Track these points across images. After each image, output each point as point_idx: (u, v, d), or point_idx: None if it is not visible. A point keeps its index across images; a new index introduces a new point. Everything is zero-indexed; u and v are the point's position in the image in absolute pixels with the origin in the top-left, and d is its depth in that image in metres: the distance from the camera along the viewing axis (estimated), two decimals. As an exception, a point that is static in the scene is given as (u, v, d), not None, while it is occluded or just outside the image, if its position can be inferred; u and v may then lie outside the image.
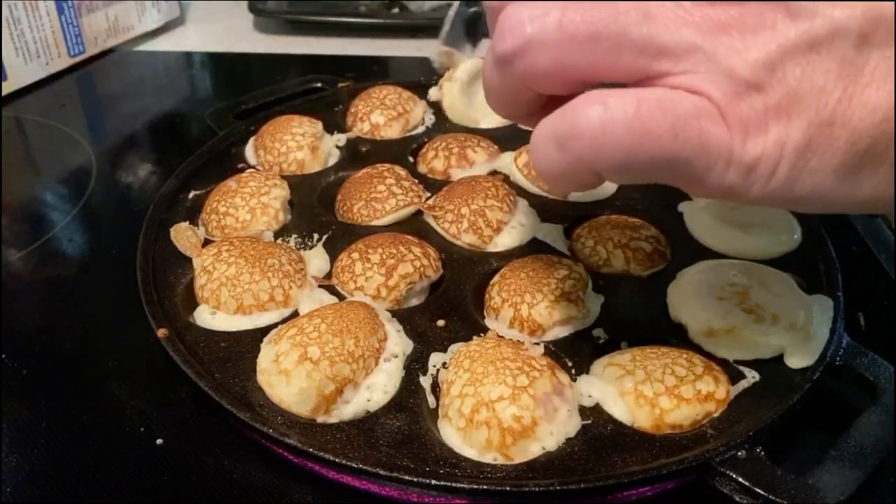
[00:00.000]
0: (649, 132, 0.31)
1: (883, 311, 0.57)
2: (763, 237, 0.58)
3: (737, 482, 0.41)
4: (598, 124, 0.31)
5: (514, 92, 0.36)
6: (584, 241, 0.59)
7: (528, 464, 0.42)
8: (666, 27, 0.31)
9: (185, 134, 0.88)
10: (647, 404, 0.45)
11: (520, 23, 0.32)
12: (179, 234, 0.60)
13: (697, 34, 0.31)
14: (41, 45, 0.95)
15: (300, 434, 0.44)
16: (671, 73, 0.31)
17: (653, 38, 0.31)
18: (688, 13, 0.31)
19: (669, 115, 0.31)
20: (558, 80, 0.34)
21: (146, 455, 0.46)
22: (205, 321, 0.53)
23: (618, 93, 0.31)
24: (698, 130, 0.31)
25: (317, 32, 1.13)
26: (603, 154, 0.32)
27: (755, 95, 0.31)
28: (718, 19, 0.31)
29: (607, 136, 0.31)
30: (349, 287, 0.55)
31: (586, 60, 0.32)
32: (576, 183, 0.35)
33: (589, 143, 0.32)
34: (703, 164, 0.31)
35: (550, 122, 0.33)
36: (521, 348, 0.47)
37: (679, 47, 0.31)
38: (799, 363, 0.48)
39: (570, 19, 0.31)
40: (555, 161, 0.33)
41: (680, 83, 0.31)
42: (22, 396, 0.51)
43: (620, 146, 0.31)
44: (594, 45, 0.31)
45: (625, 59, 0.32)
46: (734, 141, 0.31)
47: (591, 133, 0.31)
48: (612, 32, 0.31)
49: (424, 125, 0.79)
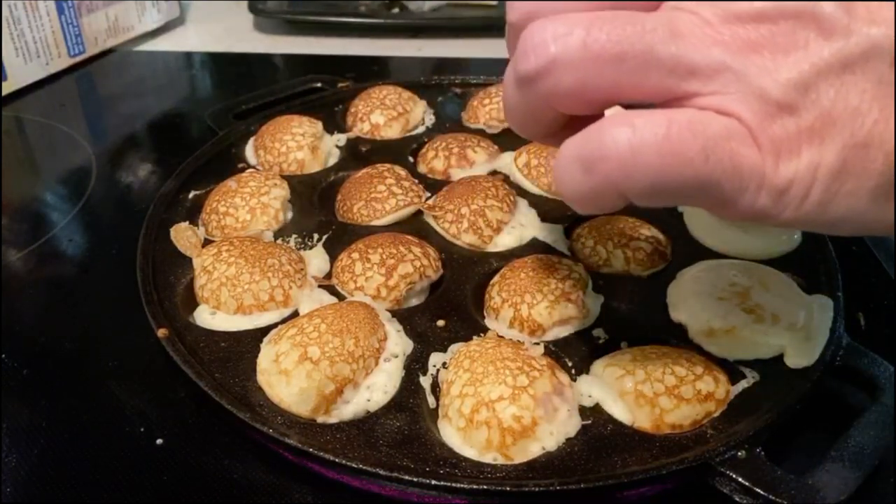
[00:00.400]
0: (680, 154, 0.30)
1: (883, 311, 0.57)
2: (763, 237, 0.58)
3: (737, 482, 0.41)
4: (626, 146, 0.30)
5: (535, 111, 0.35)
6: (584, 241, 0.59)
7: (528, 464, 0.42)
8: (695, 46, 0.30)
9: (185, 134, 0.88)
10: (647, 404, 0.45)
11: (543, 42, 0.31)
12: (179, 234, 0.60)
13: (727, 53, 0.30)
14: (41, 45, 0.95)
15: (300, 434, 0.44)
16: (700, 94, 0.31)
17: (681, 57, 0.30)
18: (717, 31, 0.30)
19: (700, 136, 0.30)
20: (582, 100, 0.33)
21: (146, 455, 0.46)
22: (205, 321, 0.53)
23: (646, 114, 0.30)
24: (729, 153, 0.30)
25: (317, 32, 1.13)
26: (632, 177, 0.31)
27: (787, 117, 0.30)
28: (749, 38, 0.30)
29: (636, 159, 0.30)
30: (349, 287, 0.55)
31: (612, 81, 0.31)
32: (601, 205, 0.34)
33: (617, 166, 0.31)
34: (734, 188, 0.31)
35: (575, 143, 0.32)
36: (521, 348, 0.47)
37: (708, 67, 0.30)
38: (799, 363, 0.48)
39: (595, 38, 0.31)
40: (580, 183, 0.32)
41: (709, 104, 0.30)
42: (22, 396, 0.51)
43: (650, 169, 0.30)
44: (620, 65, 0.31)
45: (652, 79, 0.31)
46: (766, 163, 0.30)
47: (620, 155, 0.30)
48: (639, 52, 0.30)
49: (424, 125, 0.79)
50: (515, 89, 0.35)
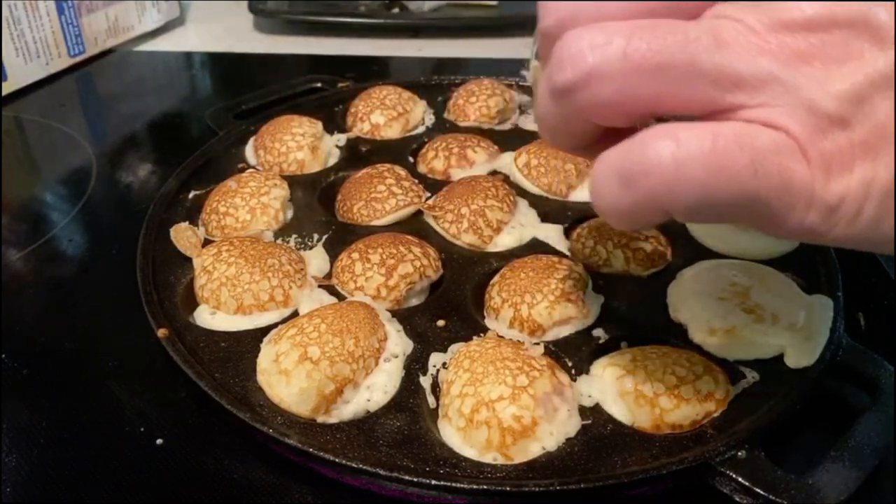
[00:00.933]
0: (727, 169, 0.28)
1: (883, 311, 0.57)
2: (763, 237, 0.58)
3: (737, 482, 0.41)
4: (670, 160, 0.29)
5: (570, 123, 0.34)
6: (584, 241, 0.59)
7: (528, 464, 0.42)
8: (740, 56, 0.29)
9: (185, 134, 0.88)
10: (647, 404, 0.45)
11: (580, 52, 0.30)
12: (179, 234, 0.60)
13: (775, 63, 0.29)
14: (41, 45, 0.95)
15: (300, 434, 0.44)
16: (746, 106, 0.29)
17: (726, 67, 0.29)
18: (764, 40, 0.29)
19: (748, 150, 0.28)
20: (621, 112, 0.31)
21: (146, 455, 0.46)
22: (205, 321, 0.53)
23: (690, 126, 0.29)
24: (778, 167, 0.29)
25: (317, 32, 1.13)
26: (676, 193, 0.29)
27: (839, 131, 0.29)
28: (798, 48, 0.28)
29: (681, 174, 0.29)
30: (349, 287, 0.55)
31: (653, 92, 0.30)
32: (640, 221, 0.32)
33: (660, 181, 0.29)
34: (782, 204, 0.29)
35: (615, 156, 0.31)
36: (521, 348, 0.47)
37: (755, 78, 0.29)
38: (799, 363, 0.48)
39: (635, 48, 0.29)
40: (619, 198, 0.31)
41: (756, 116, 0.29)
42: (22, 396, 0.51)
43: (695, 184, 0.29)
44: (661, 76, 0.29)
45: (695, 91, 0.29)
46: (816, 179, 0.29)
47: (663, 170, 0.29)
48: (681, 62, 0.29)
49: (424, 125, 0.79)
50: (550, 100, 0.33)
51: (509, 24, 1.15)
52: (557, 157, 0.66)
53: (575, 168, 0.66)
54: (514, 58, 1.03)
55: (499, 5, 1.18)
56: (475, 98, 0.78)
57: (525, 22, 1.14)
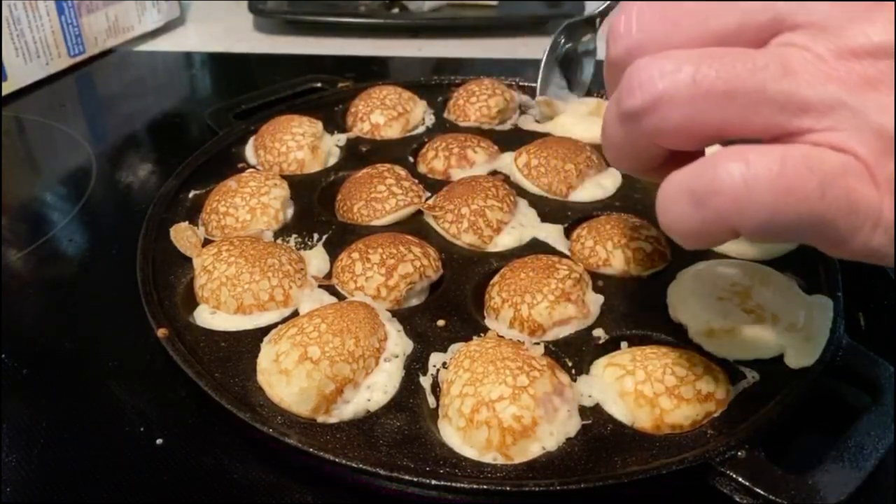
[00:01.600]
0: (796, 190, 0.29)
1: (883, 311, 0.57)
2: (763, 237, 0.58)
3: (737, 482, 0.41)
4: (741, 181, 0.30)
5: (637, 147, 0.35)
6: (584, 241, 0.59)
7: (528, 464, 0.43)
8: (808, 83, 0.30)
9: (185, 134, 0.88)
10: (647, 404, 0.45)
11: (650, 78, 0.31)
12: (179, 234, 0.60)
13: (843, 90, 0.29)
14: (41, 45, 0.95)
15: (300, 434, 0.44)
16: (813, 130, 0.30)
17: (794, 94, 0.30)
18: (832, 68, 0.30)
19: (816, 172, 0.29)
20: (689, 136, 0.32)
21: (146, 455, 0.46)
22: (205, 321, 0.53)
23: (760, 149, 0.30)
24: (846, 189, 0.29)
25: (317, 32, 1.13)
26: (745, 213, 0.30)
27: None
28: (866, 74, 0.29)
29: (751, 194, 0.30)
30: (349, 287, 0.55)
31: (720, 117, 0.31)
32: (709, 241, 0.33)
33: (731, 201, 0.30)
34: (849, 226, 0.30)
35: (685, 176, 0.32)
36: (521, 348, 0.47)
37: (822, 103, 0.29)
38: (799, 363, 0.48)
39: (704, 75, 0.30)
40: (688, 217, 0.32)
41: (823, 140, 0.30)
42: (22, 396, 0.51)
43: (765, 205, 0.30)
44: (730, 103, 0.30)
45: (763, 116, 0.30)
46: (884, 202, 0.30)
47: (734, 190, 0.30)
48: (750, 89, 0.30)
49: (424, 125, 0.79)
50: (618, 125, 0.34)
51: (509, 24, 1.15)
52: (557, 157, 0.66)
53: (575, 168, 0.66)
54: (514, 58, 1.03)
55: (499, 5, 1.18)
56: (475, 98, 0.78)
57: (525, 22, 1.14)
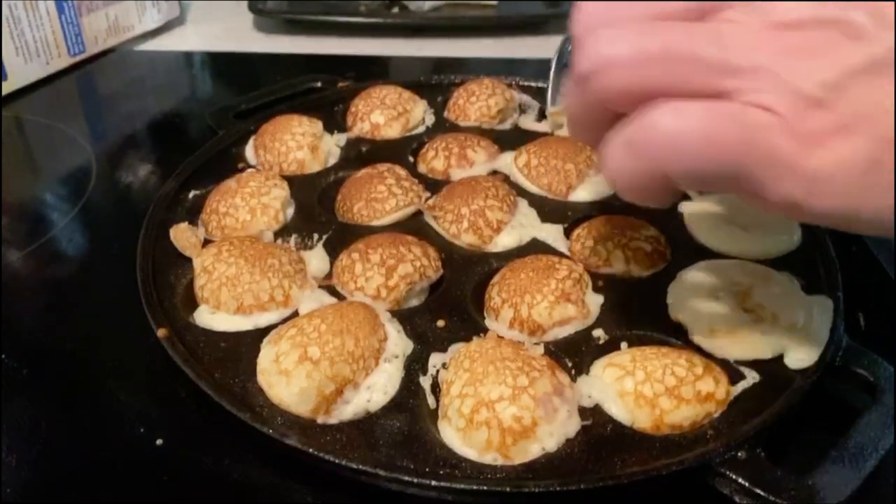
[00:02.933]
0: (721, 140, 0.33)
1: (883, 311, 0.57)
2: (763, 237, 0.58)
3: (737, 483, 0.41)
4: (673, 128, 0.33)
5: (591, 112, 0.39)
6: (584, 241, 0.59)
7: (527, 464, 0.42)
8: (737, 50, 0.33)
9: (185, 134, 0.88)
10: (646, 405, 0.45)
11: (598, 44, 0.35)
12: (179, 234, 0.60)
13: (767, 56, 0.33)
14: (41, 44, 0.95)
15: (300, 434, 0.44)
16: (741, 91, 0.33)
17: (724, 59, 0.33)
18: (759, 38, 0.33)
19: (740, 124, 0.32)
20: (633, 97, 0.35)
21: (146, 455, 0.46)
22: (205, 321, 0.53)
23: (691, 102, 0.33)
24: (766, 141, 0.32)
25: (317, 32, 1.13)
26: (676, 158, 0.34)
27: (821, 112, 0.32)
28: (787, 43, 0.33)
29: (681, 141, 0.33)
30: (349, 287, 0.55)
31: (660, 80, 0.34)
32: (647, 191, 0.36)
33: (662, 146, 0.34)
34: (768, 175, 0.33)
35: (623, 129, 0.35)
36: (521, 348, 0.47)
37: (749, 67, 0.33)
38: (799, 363, 0.48)
39: (646, 41, 0.34)
40: (627, 167, 0.35)
41: (749, 99, 0.33)
42: (22, 396, 0.51)
43: (693, 151, 0.33)
44: (668, 65, 0.34)
45: (697, 78, 0.33)
46: (799, 153, 0.32)
47: (665, 137, 0.33)
48: (686, 53, 0.33)
49: (424, 125, 0.79)
50: (575, 90, 0.38)
51: (509, 24, 1.15)
52: (557, 157, 0.66)
53: (575, 168, 0.66)
54: (514, 58, 1.03)
55: (498, 5, 1.18)
56: (475, 98, 0.78)
57: (525, 22, 1.14)
